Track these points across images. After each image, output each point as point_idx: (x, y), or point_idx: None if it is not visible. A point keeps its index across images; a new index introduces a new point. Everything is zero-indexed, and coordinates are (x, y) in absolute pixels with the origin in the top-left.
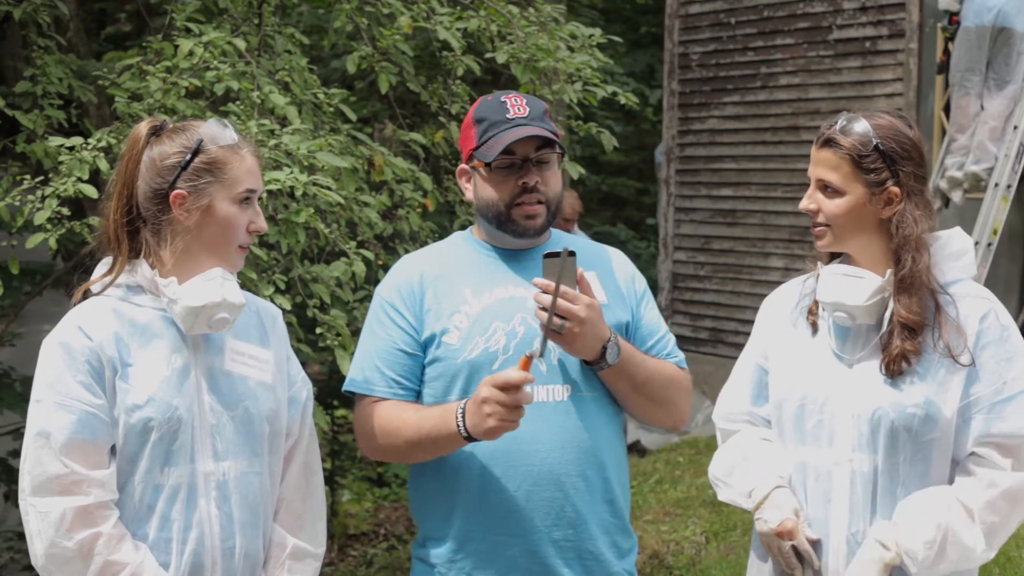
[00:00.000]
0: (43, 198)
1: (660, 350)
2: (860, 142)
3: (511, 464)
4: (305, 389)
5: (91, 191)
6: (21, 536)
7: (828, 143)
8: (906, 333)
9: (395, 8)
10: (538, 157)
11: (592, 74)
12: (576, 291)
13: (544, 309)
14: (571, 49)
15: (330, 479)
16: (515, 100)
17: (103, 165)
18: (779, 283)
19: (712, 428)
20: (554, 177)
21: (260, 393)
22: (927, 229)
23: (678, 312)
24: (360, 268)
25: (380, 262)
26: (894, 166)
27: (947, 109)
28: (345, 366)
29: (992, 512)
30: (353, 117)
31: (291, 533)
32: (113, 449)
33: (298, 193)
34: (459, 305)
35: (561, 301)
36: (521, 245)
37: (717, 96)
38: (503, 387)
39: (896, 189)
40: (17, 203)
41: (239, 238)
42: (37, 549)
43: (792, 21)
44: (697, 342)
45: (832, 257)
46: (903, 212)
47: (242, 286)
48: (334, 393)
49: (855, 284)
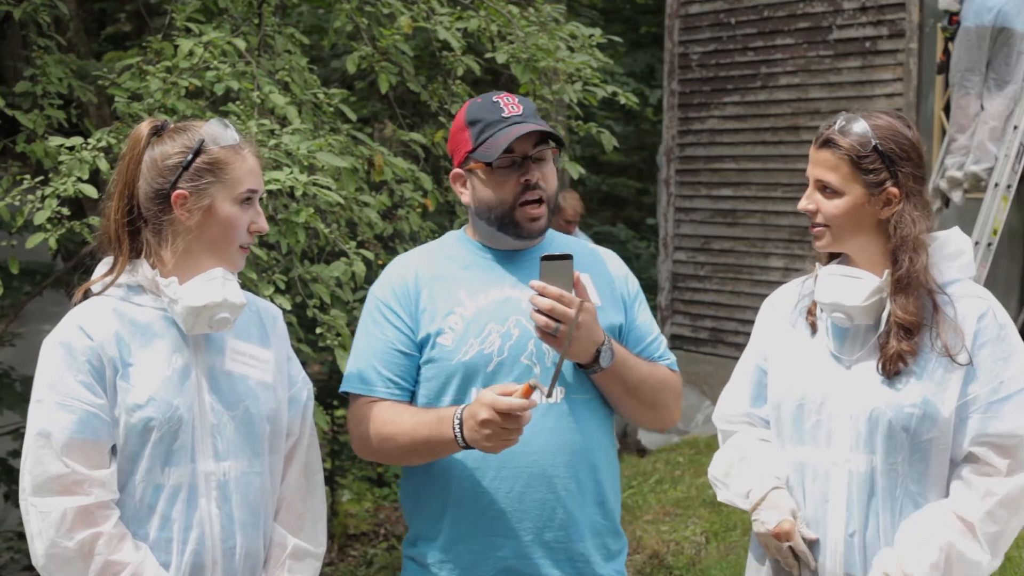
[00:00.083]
0: (43, 198)
1: (652, 352)
2: (859, 142)
3: (503, 465)
4: (306, 389)
5: (91, 191)
6: (21, 536)
7: (827, 143)
8: (903, 333)
9: (395, 8)
10: (537, 154)
11: (592, 74)
12: (572, 294)
13: (540, 312)
14: (571, 49)
15: (330, 479)
16: (507, 99)
17: (103, 165)
18: (779, 283)
19: (712, 428)
20: (552, 174)
21: (261, 393)
22: (925, 229)
23: (678, 312)
24: (360, 268)
25: (380, 262)
26: (893, 167)
27: (947, 109)
28: (345, 366)
29: (992, 522)
30: (353, 117)
31: (291, 533)
32: (114, 449)
33: (298, 193)
34: (454, 306)
35: (556, 304)
36: (517, 246)
37: (717, 96)
38: (505, 414)
39: (895, 189)
40: (17, 203)
41: (240, 238)
42: (38, 549)
43: (792, 21)
44: (697, 342)
45: (831, 257)
46: (902, 212)
47: (242, 286)
48: (334, 393)
49: (853, 285)
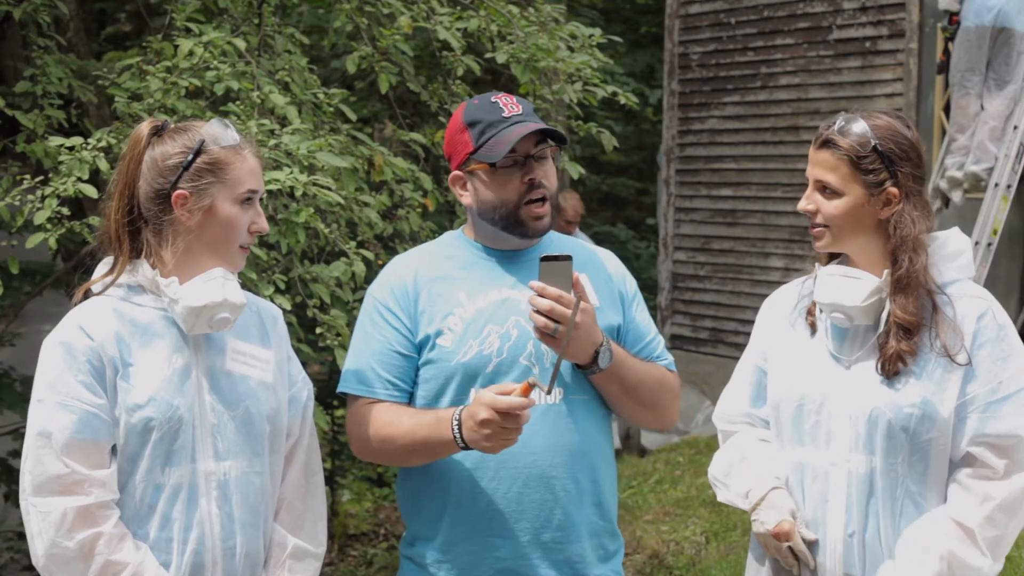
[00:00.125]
0: (43, 198)
1: (650, 353)
2: (858, 143)
3: (502, 466)
4: (306, 389)
5: (91, 191)
6: (21, 536)
7: (826, 144)
8: (902, 333)
9: (395, 8)
10: (538, 153)
11: (592, 74)
12: (572, 295)
13: (539, 312)
14: (571, 49)
15: (330, 479)
16: (506, 99)
17: (103, 165)
18: (779, 283)
19: (712, 428)
20: (552, 173)
21: (261, 393)
22: (925, 230)
23: (678, 312)
24: (360, 268)
25: (380, 262)
26: (892, 167)
27: (947, 109)
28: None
29: (992, 526)
30: (353, 117)
31: (292, 533)
32: (114, 449)
33: (298, 193)
34: (453, 307)
35: (556, 305)
36: (518, 246)
37: (717, 96)
38: (504, 413)
39: (894, 190)
40: (17, 203)
41: (240, 238)
42: (38, 549)
43: (792, 21)
44: (697, 342)
45: (831, 258)
46: (901, 212)
47: (242, 286)
48: (334, 393)
49: (852, 285)
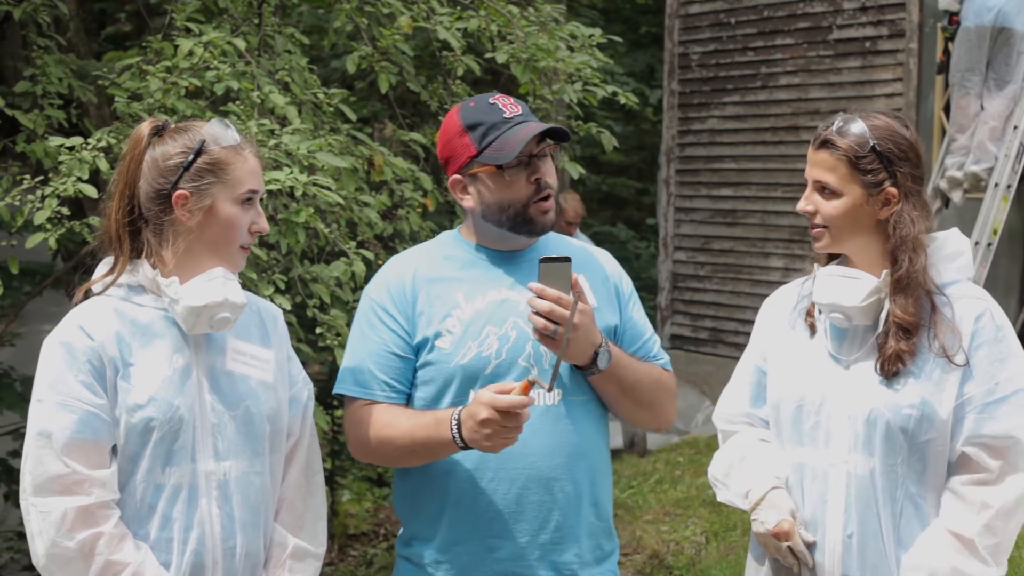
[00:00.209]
0: (43, 198)
1: (647, 352)
2: (857, 143)
3: (502, 467)
4: (306, 389)
5: (91, 191)
6: (21, 536)
7: (825, 144)
8: (901, 334)
9: (395, 8)
10: (541, 152)
11: (592, 74)
12: (571, 296)
13: (538, 314)
14: (571, 49)
15: (330, 479)
16: (504, 100)
17: (103, 165)
18: (779, 283)
19: (712, 428)
20: (553, 170)
21: (261, 393)
22: (924, 230)
23: (678, 312)
24: (360, 268)
25: (380, 262)
26: (891, 167)
27: (947, 109)
28: None
29: (991, 534)
30: (353, 117)
31: (292, 533)
32: (114, 449)
33: (298, 193)
34: (451, 309)
35: (555, 307)
36: (517, 247)
37: (717, 96)
38: (504, 412)
39: (893, 190)
40: (17, 203)
41: (241, 238)
42: (38, 549)
43: (792, 21)
44: (697, 342)
45: (830, 258)
46: (900, 213)
47: (242, 286)
48: (334, 393)
49: (851, 285)
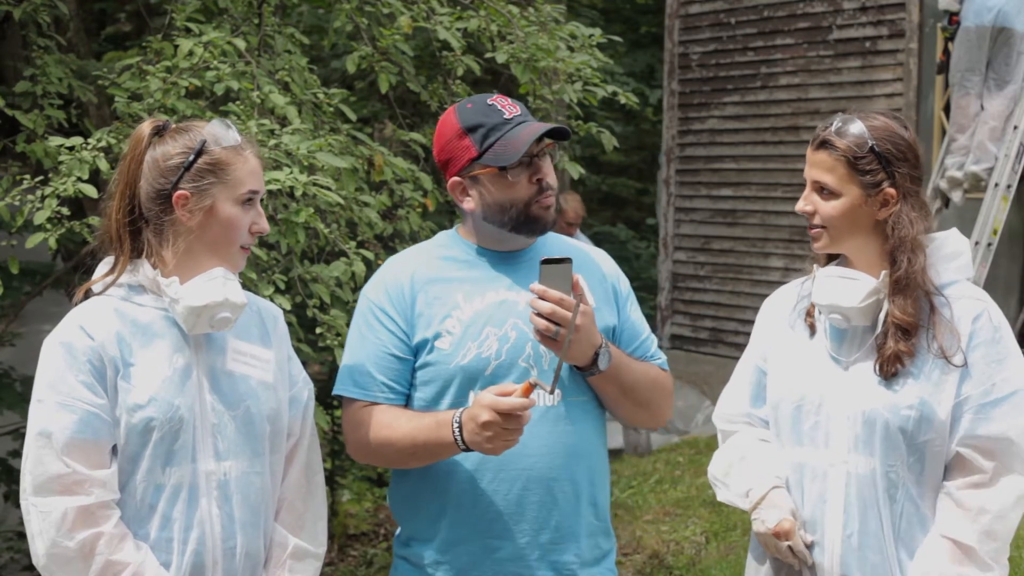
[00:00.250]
0: (43, 198)
1: (644, 352)
2: (855, 144)
3: (502, 468)
4: (306, 389)
5: (91, 191)
6: (21, 536)
7: (823, 145)
8: (900, 334)
9: (395, 8)
10: (541, 150)
11: (592, 74)
12: (572, 298)
13: (540, 315)
14: (571, 49)
15: (330, 479)
16: (503, 101)
17: (103, 165)
18: (779, 283)
19: (712, 428)
20: (552, 169)
21: (261, 393)
22: (923, 230)
23: (678, 312)
24: (360, 268)
25: (380, 262)
26: (889, 167)
27: (947, 109)
28: None
29: (990, 539)
30: (353, 117)
31: (292, 533)
32: (115, 449)
33: (298, 193)
34: (451, 310)
35: (557, 308)
36: (517, 247)
37: (717, 96)
38: (506, 414)
39: (892, 190)
40: (17, 203)
41: (241, 239)
42: (39, 549)
43: (792, 21)
44: (697, 342)
45: (830, 259)
46: (899, 213)
47: (242, 286)
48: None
49: (850, 286)
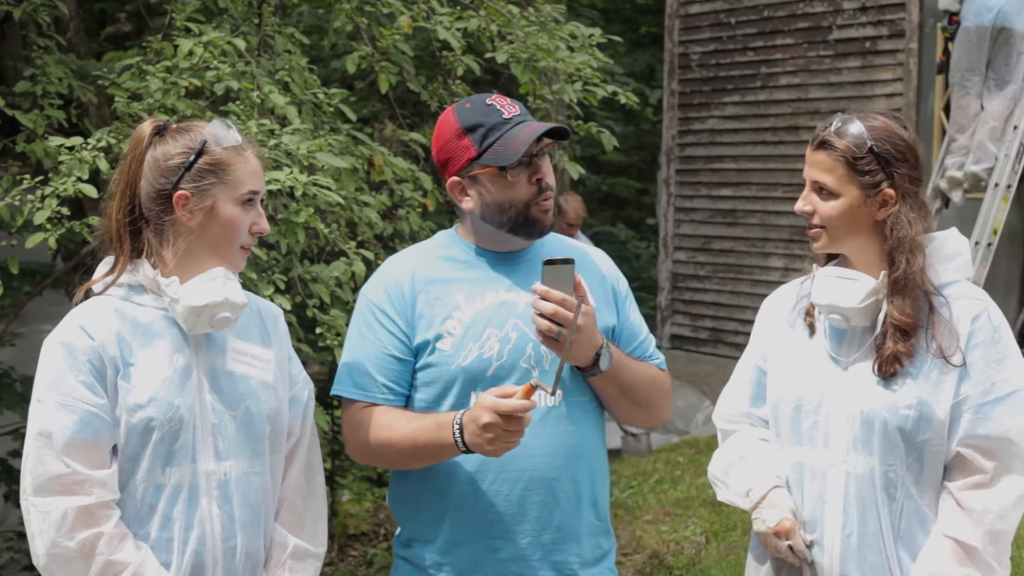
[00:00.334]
0: (43, 198)
1: (643, 352)
2: (855, 144)
3: (504, 469)
4: (307, 389)
5: (91, 191)
6: (21, 536)
7: (823, 145)
8: (899, 335)
9: (395, 8)
10: (540, 150)
11: (592, 74)
12: (574, 298)
13: (542, 316)
14: (571, 49)
15: (330, 479)
16: (502, 101)
17: (103, 165)
18: (779, 283)
19: (712, 428)
20: (551, 169)
21: (261, 393)
22: (922, 231)
23: (678, 312)
24: (360, 268)
25: (380, 262)
26: (889, 168)
27: (947, 109)
28: None
29: (993, 540)
30: (353, 117)
31: (292, 533)
32: (115, 449)
33: (298, 193)
34: (452, 311)
35: (559, 309)
36: (516, 247)
37: (717, 96)
38: (507, 416)
39: (891, 191)
40: (17, 203)
41: (242, 239)
42: (39, 549)
43: (792, 21)
44: (697, 342)
45: (829, 258)
46: (898, 214)
47: (242, 286)
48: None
49: (849, 286)
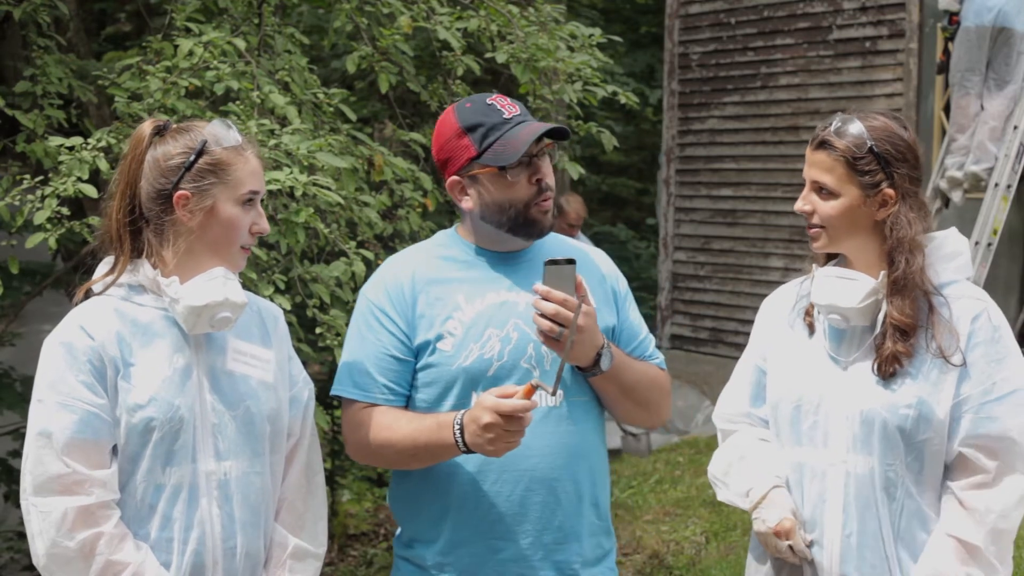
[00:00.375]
0: (43, 198)
1: (642, 352)
2: (855, 144)
3: (505, 469)
4: (307, 389)
5: (91, 191)
6: (21, 536)
7: (823, 145)
8: (898, 335)
9: (395, 8)
10: (540, 150)
11: (592, 74)
12: (575, 299)
13: (543, 316)
14: (571, 49)
15: (330, 479)
16: (502, 100)
17: (103, 165)
18: (779, 283)
19: (712, 428)
20: (551, 170)
21: (262, 393)
22: (922, 231)
23: (678, 312)
24: (360, 268)
25: (380, 262)
26: (888, 168)
27: (947, 109)
28: None
29: (996, 539)
30: (353, 117)
31: (292, 533)
32: (115, 449)
33: (298, 193)
34: (452, 311)
35: (561, 309)
36: (516, 247)
37: (717, 96)
38: (508, 416)
39: (890, 191)
40: (17, 203)
41: (242, 239)
42: (39, 549)
43: (792, 21)
44: (697, 342)
45: (828, 258)
46: (897, 214)
47: (242, 286)
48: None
49: (848, 286)
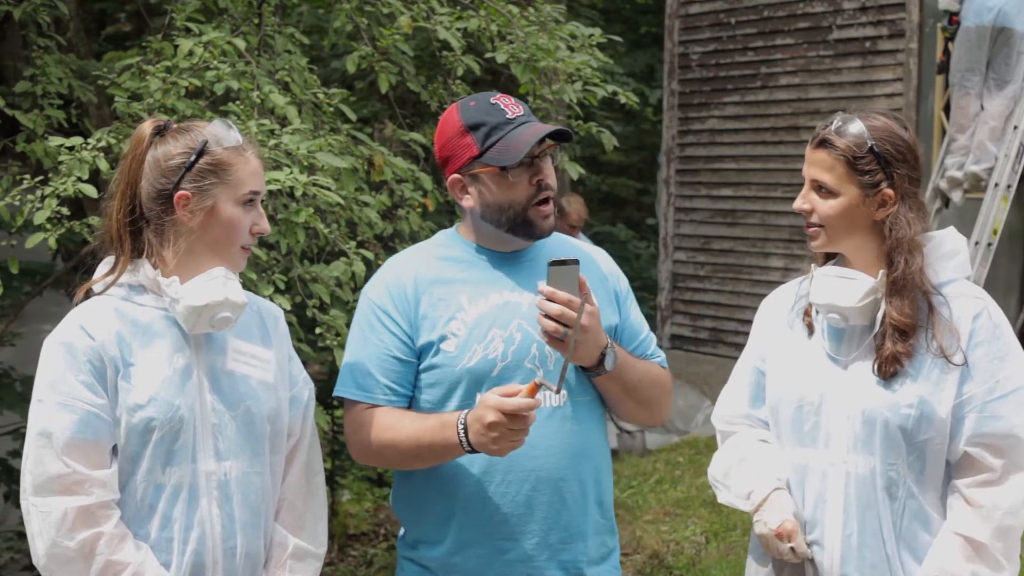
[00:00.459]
0: (43, 198)
1: (644, 351)
2: (855, 143)
3: (510, 469)
4: (307, 389)
5: (91, 191)
6: (21, 536)
7: (823, 144)
8: (898, 335)
9: (395, 8)
10: (542, 151)
11: (592, 74)
12: (579, 299)
13: (548, 316)
14: (571, 49)
15: (330, 479)
16: (506, 100)
17: (103, 165)
18: (779, 283)
19: (712, 428)
20: (553, 171)
21: (262, 393)
22: (921, 231)
23: (678, 312)
24: (360, 268)
25: (380, 262)
26: (888, 168)
27: (947, 109)
28: None
29: (1002, 536)
30: (353, 117)
31: (292, 533)
32: (115, 449)
33: (298, 193)
34: (455, 312)
35: (566, 310)
36: (518, 247)
37: (717, 96)
38: (511, 415)
39: (890, 191)
40: (17, 203)
41: (242, 239)
42: (39, 549)
43: (792, 21)
44: (697, 342)
45: (827, 258)
46: (897, 214)
47: (242, 286)
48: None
49: (847, 286)
